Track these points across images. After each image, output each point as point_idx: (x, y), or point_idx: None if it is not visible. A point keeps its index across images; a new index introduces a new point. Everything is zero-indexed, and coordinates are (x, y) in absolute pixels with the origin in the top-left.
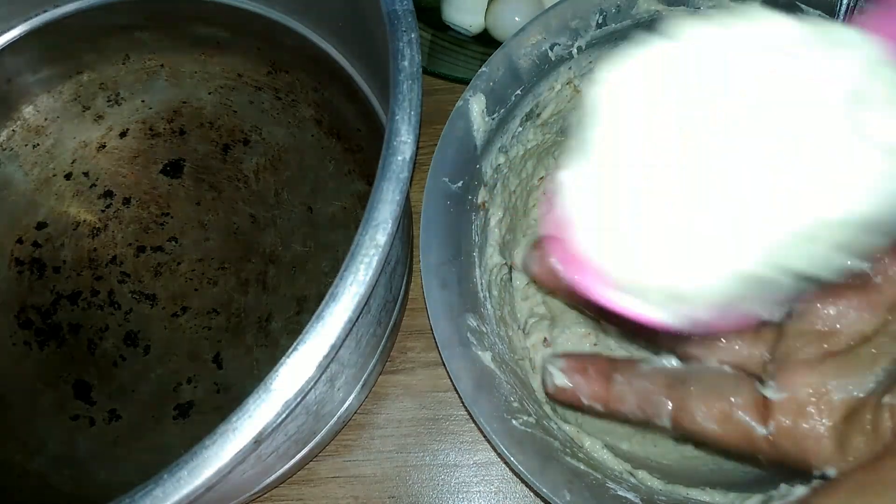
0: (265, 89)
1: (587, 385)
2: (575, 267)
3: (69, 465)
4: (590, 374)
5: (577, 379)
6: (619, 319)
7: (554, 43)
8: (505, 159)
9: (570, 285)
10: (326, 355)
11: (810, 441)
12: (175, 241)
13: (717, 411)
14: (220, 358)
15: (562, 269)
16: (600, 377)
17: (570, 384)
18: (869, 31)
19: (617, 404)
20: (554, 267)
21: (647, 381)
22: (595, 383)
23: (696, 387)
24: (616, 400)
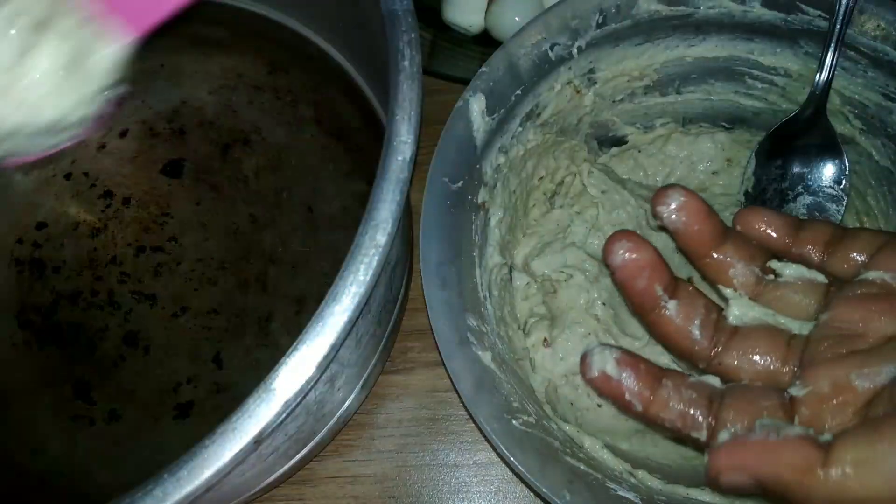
0: (265, 89)
1: (636, 381)
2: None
3: (69, 465)
4: (641, 372)
5: (628, 373)
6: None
7: (554, 43)
8: (505, 159)
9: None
10: (326, 355)
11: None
12: (175, 242)
13: (746, 416)
14: (220, 358)
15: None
16: (650, 377)
17: (619, 376)
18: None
19: (659, 408)
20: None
21: (693, 392)
22: (644, 382)
23: (729, 398)
24: (660, 403)
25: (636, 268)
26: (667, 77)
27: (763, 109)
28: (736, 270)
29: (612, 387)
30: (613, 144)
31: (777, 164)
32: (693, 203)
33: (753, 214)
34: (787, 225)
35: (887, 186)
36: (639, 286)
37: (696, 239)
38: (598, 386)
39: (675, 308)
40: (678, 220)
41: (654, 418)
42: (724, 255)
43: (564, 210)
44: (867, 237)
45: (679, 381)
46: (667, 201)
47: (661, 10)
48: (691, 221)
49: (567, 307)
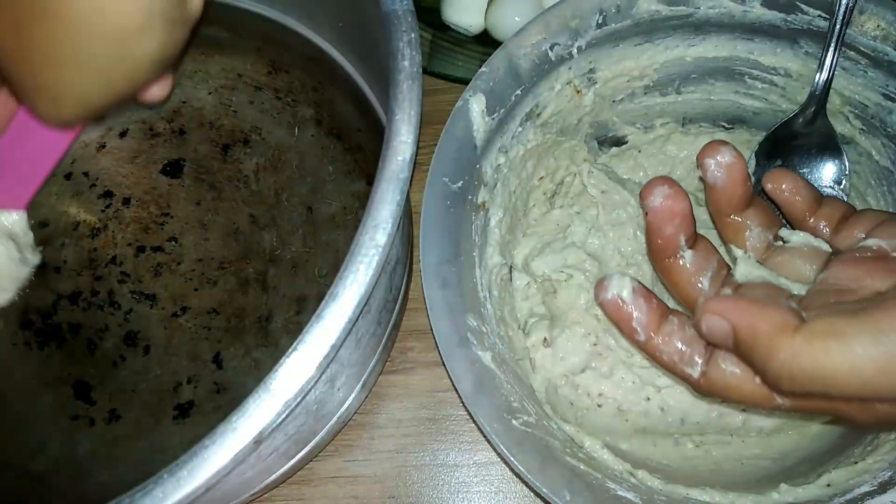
0: (265, 89)
1: (646, 311)
2: None
3: (69, 465)
4: (652, 304)
5: (641, 302)
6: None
7: (554, 43)
8: (505, 159)
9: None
10: (326, 355)
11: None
12: (175, 241)
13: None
14: (220, 358)
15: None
16: (659, 311)
17: (633, 302)
18: None
19: (661, 340)
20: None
21: (695, 333)
22: (653, 313)
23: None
24: (663, 336)
25: (670, 214)
26: (667, 77)
27: (763, 109)
28: (751, 234)
29: (623, 312)
30: (613, 144)
31: (777, 165)
32: (738, 165)
33: (786, 178)
34: (811, 198)
35: (887, 186)
36: (667, 232)
37: (726, 198)
38: (609, 308)
39: (690, 258)
40: (720, 176)
41: (654, 349)
42: (745, 218)
43: (564, 210)
44: (872, 216)
45: (684, 320)
46: (716, 156)
47: (661, 10)
48: (730, 182)
49: (567, 307)
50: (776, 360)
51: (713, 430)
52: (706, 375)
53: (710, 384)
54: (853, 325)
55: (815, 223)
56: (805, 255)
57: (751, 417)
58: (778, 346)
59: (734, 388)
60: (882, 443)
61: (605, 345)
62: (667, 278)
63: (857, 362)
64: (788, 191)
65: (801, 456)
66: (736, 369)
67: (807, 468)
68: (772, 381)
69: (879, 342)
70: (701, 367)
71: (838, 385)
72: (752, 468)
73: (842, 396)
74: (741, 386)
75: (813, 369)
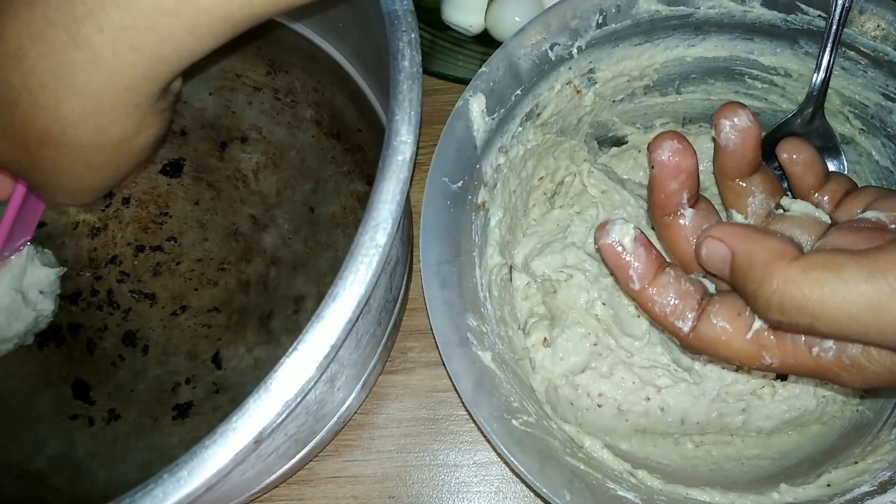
0: (264, 89)
1: (645, 260)
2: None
3: (69, 465)
4: (651, 254)
5: (640, 251)
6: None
7: (554, 43)
8: (505, 159)
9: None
10: (326, 355)
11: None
12: (174, 241)
13: (730, 310)
14: (220, 357)
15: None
16: (657, 262)
17: (632, 250)
18: None
19: (655, 290)
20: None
21: (690, 286)
22: (651, 264)
23: (719, 297)
24: (658, 286)
25: (676, 170)
26: (667, 77)
27: (763, 109)
28: (754, 200)
29: (621, 258)
30: (613, 144)
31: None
32: (753, 130)
33: (803, 150)
34: (822, 172)
35: (887, 186)
36: (670, 188)
37: (735, 161)
38: (607, 253)
39: (690, 216)
40: (734, 138)
41: (647, 298)
42: (750, 184)
43: (564, 210)
44: (873, 191)
45: (680, 273)
46: (732, 118)
47: (661, 10)
48: (742, 145)
49: (567, 307)
50: (769, 285)
51: (713, 430)
52: (696, 330)
53: (699, 338)
54: (850, 261)
55: (818, 198)
56: (804, 225)
57: (751, 417)
58: (773, 272)
59: (723, 344)
60: (882, 443)
61: (605, 345)
62: (664, 235)
63: (847, 296)
64: (802, 163)
65: (801, 456)
66: (726, 324)
67: (807, 468)
68: (762, 308)
69: (873, 279)
70: (692, 322)
71: (826, 318)
72: (752, 468)
73: (828, 333)
74: (730, 341)
75: (803, 298)
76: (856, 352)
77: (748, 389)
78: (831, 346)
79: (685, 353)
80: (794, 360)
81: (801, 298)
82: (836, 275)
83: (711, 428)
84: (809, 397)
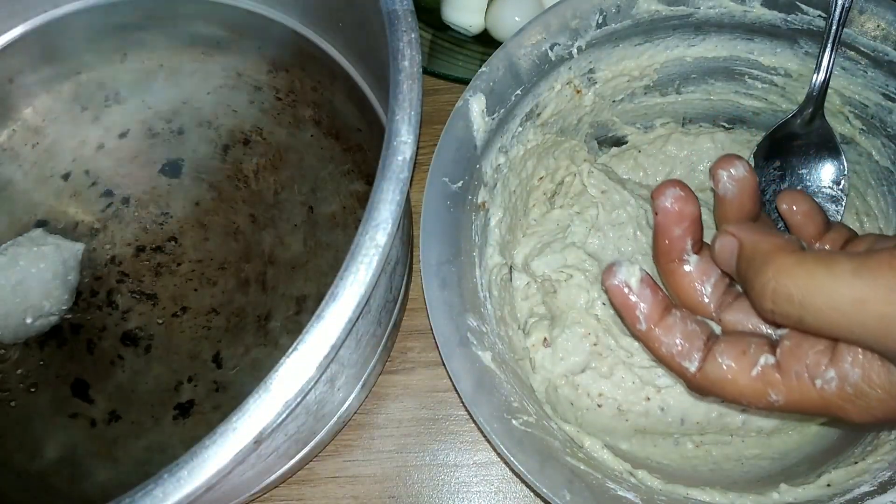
0: (265, 89)
1: (651, 301)
2: None
3: (69, 464)
4: (658, 295)
5: (647, 292)
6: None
7: (554, 43)
8: (505, 159)
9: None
10: (326, 355)
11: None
12: (174, 241)
13: (735, 349)
14: (220, 357)
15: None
16: (663, 303)
17: (639, 291)
18: None
19: (662, 332)
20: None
21: (697, 327)
22: (658, 305)
23: (724, 337)
24: (664, 327)
25: (680, 217)
26: (667, 77)
27: (763, 109)
28: None
29: (627, 299)
30: (613, 144)
31: (776, 166)
32: (750, 180)
33: (802, 201)
34: (822, 222)
35: (887, 186)
36: (674, 234)
37: (735, 210)
38: (614, 294)
39: (695, 263)
40: (732, 189)
41: (654, 339)
42: None
43: (564, 210)
44: (872, 237)
45: (686, 315)
46: (730, 169)
47: (661, 10)
48: (740, 195)
49: (567, 307)
50: (765, 273)
51: (713, 430)
52: (702, 370)
53: (706, 378)
54: (843, 258)
55: (819, 246)
56: None
57: (751, 417)
58: (770, 261)
59: (728, 382)
60: (882, 443)
61: (605, 345)
62: (670, 281)
63: (835, 288)
64: (802, 214)
65: (801, 456)
66: (732, 363)
67: (807, 468)
68: (756, 295)
69: (860, 274)
70: (698, 362)
71: (814, 309)
72: (752, 468)
73: (815, 325)
74: (736, 379)
75: (795, 287)
76: (856, 378)
77: None
78: (833, 377)
79: (691, 394)
80: (800, 395)
81: (793, 287)
82: (826, 269)
83: (711, 428)
84: None
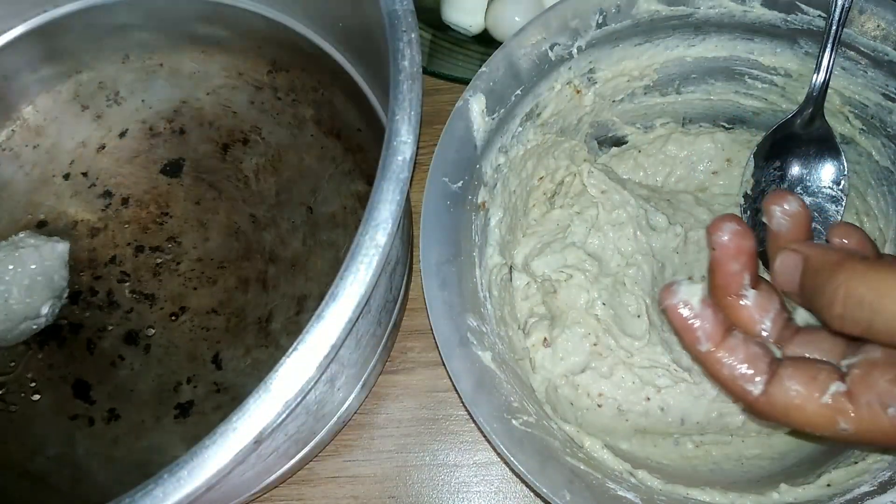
0: (265, 89)
1: (714, 321)
2: None
3: (69, 465)
4: (719, 316)
5: (708, 312)
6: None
7: (554, 43)
8: (505, 159)
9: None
10: (326, 355)
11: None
12: (174, 241)
13: (803, 374)
14: (220, 358)
15: None
16: (725, 324)
17: (700, 311)
18: None
19: (724, 353)
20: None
21: (759, 349)
22: (720, 325)
23: (790, 361)
24: (727, 348)
25: (737, 251)
26: (667, 77)
27: (763, 109)
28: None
29: (686, 320)
30: (613, 144)
31: (776, 166)
32: (804, 215)
33: (849, 232)
34: (872, 250)
35: (887, 186)
36: (731, 269)
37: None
38: (672, 314)
39: (753, 298)
40: (786, 224)
41: (715, 361)
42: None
43: (564, 210)
44: None
45: (748, 336)
46: (783, 205)
47: (661, 10)
48: (795, 230)
49: (567, 307)
50: (835, 279)
51: (713, 430)
52: (767, 394)
53: (771, 404)
54: None
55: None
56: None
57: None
58: (841, 268)
59: (796, 408)
60: None
61: (605, 345)
62: (727, 316)
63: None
64: (850, 244)
65: (801, 456)
66: (801, 388)
67: (807, 468)
68: (826, 302)
69: None
70: (762, 386)
71: (886, 314)
72: (752, 468)
73: (885, 331)
74: (804, 406)
75: (867, 290)
76: None
77: None
78: None
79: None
80: (871, 424)
81: (864, 291)
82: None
83: (711, 428)
84: None
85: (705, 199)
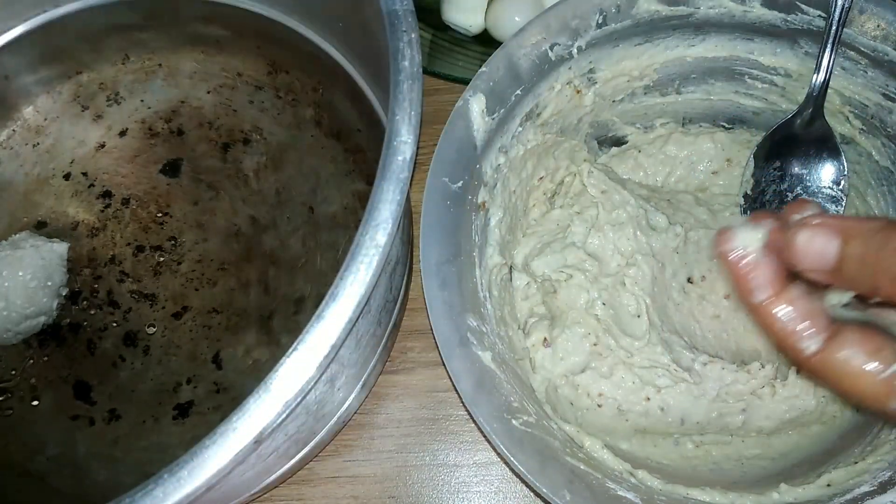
0: (265, 89)
1: (773, 269)
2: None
3: (69, 465)
4: (779, 265)
5: (770, 259)
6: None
7: (554, 43)
8: (505, 159)
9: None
10: (326, 355)
11: None
12: (174, 241)
13: (866, 341)
14: (220, 358)
15: None
16: (785, 274)
17: (761, 258)
18: None
19: (782, 304)
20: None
21: (821, 304)
22: (781, 273)
23: (860, 329)
24: (786, 299)
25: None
26: (667, 77)
27: (763, 109)
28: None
29: (745, 266)
30: (613, 144)
31: (776, 166)
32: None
33: (804, 206)
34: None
35: (887, 186)
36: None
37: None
38: (730, 261)
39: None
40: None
41: (771, 312)
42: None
43: (564, 210)
44: None
45: (812, 290)
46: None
47: (661, 10)
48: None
49: (567, 307)
50: (893, 242)
51: (713, 430)
52: (823, 354)
53: (825, 364)
54: None
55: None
56: None
57: (751, 417)
58: (876, 261)
59: (850, 376)
60: (882, 443)
61: (605, 345)
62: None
63: None
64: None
65: (801, 456)
66: (863, 357)
67: (807, 468)
68: (887, 266)
69: None
70: (819, 345)
71: None
72: (752, 468)
73: None
74: (860, 376)
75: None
76: None
77: (748, 389)
78: None
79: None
80: None
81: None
82: None
83: (711, 428)
84: (809, 397)
85: (705, 199)
